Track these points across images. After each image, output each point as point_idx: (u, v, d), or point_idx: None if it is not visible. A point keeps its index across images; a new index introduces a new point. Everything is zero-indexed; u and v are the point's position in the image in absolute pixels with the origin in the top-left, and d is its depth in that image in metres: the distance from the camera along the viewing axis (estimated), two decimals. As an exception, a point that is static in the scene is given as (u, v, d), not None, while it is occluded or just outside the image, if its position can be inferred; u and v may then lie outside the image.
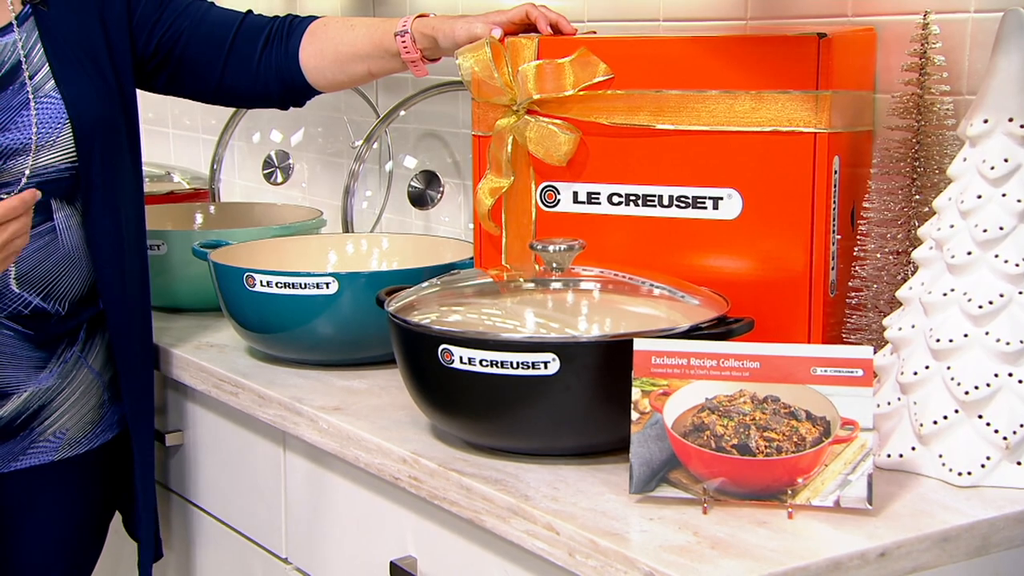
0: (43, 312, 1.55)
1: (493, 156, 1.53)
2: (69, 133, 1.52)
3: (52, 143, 1.51)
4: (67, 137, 1.52)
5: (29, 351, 1.56)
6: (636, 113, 1.45)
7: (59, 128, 1.52)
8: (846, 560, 1.05)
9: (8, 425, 1.56)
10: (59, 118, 1.52)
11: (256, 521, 1.65)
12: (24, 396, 1.56)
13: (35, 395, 1.57)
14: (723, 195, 1.43)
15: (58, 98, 1.52)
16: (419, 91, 2.07)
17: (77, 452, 1.63)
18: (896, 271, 1.42)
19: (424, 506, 1.32)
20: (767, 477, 1.15)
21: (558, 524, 1.13)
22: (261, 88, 1.67)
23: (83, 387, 1.62)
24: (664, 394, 1.17)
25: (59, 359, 1.58)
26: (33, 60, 1.54)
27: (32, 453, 1.59)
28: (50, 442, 1.60)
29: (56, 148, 1.52)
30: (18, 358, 1.55)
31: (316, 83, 1.67)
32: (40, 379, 1.57)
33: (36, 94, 1.51)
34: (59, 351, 1.58)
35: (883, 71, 1.50)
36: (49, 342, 1.57)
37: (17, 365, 1.55)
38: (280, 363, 1.65)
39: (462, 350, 1.23)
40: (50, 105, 1.52)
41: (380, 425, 1.40)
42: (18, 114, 1.50)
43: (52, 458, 1.61)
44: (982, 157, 1.23)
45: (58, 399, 1.59)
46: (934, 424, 1.22)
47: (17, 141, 1.50)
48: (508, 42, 1.51)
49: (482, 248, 1.58)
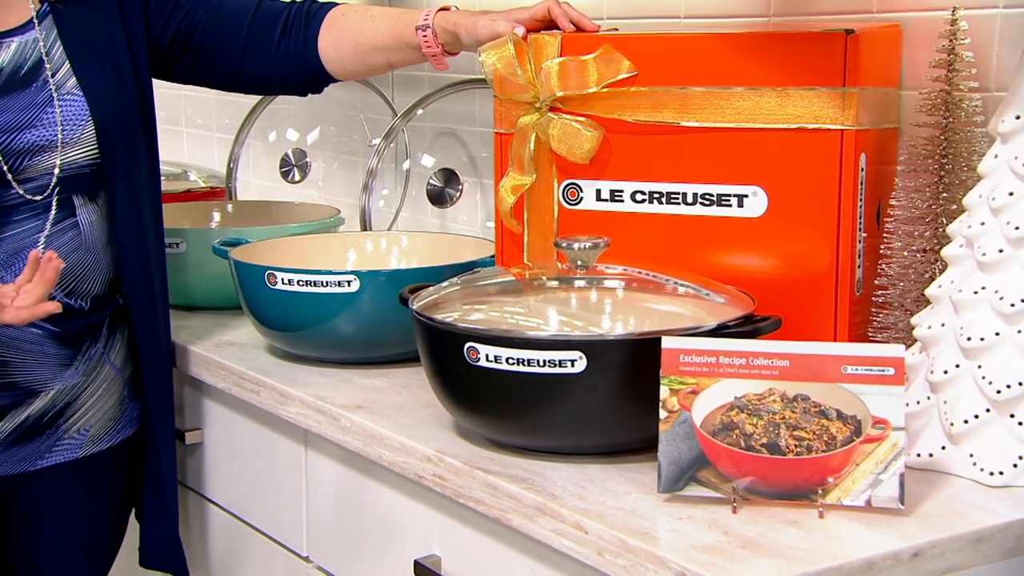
0: (68, 309, 1.54)
1: (515, 153, 1.52)
2: (92, 131, 1.53)
3: (76, 140, 1.52)
4: (90, 134, 1.53)
5: (55, 349, 1.55)
6: (660, 110, 1.44)
7: (82, 125, 1.52)
8: (879, 560, 1.04)
9: (35, 423, 1.56)
10: (82, 116, 1.52)
11: (277, 519, 1.64)
12: (51, 394, 1.56)
13: (61, 393, 1.57)
14: (748, 193, 1.42)
15: (80, 96, 1.53)
16: (437, 89, 2.06)
17: (100, 448, 1.63)
18: (923, 269, 1.40)
19: (448, 505, 1.31)
20: (797, 476, 1.14)
21: (587, 523, 1.12)
22: (281, 75, 1.67)
23: (106, 383, 1.61)
24: (693, 392, 1.16)
25: (84, 356, 1.58)
26: (54, 58, 1.54)
27: (57, 451, 1.59)
28: (74, 439, 1.60)
29: (80, 145, 1.52)
30: (45, 356, 1.55)
31: (335, 72, 1.67)
32: (66, 376, 1.57)
33: (59, 91, 1.51)
34: (84, 348, 1.58)
35: (909, 67, 1.49)
36: (74, 339, 1.57)
37: (44, 363, 1.55)
38: (300, 361, 1.64)
39: (488, 348, 1.22)
40: (73, 103, 1.52)
41: (403, 423, 1.39)
42: (43, 111, 1.51)
43: (77, 455, 1.61)
44: (1014, 154, 1.22)
45: (83, 396, 1.59)
46: (965, 423, 1.21)
47: (44, 138, 1.50)
48: (531, 39, 1.50)
49: (504, 246, 1.57)
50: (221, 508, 1.77)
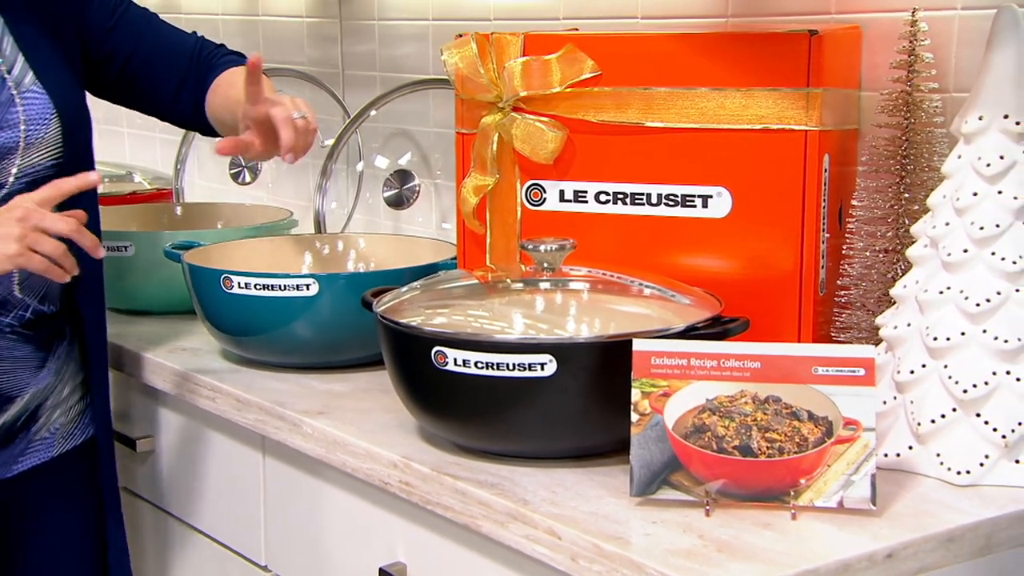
0: (41, 314, 1.51)
1: (478, 154, 1.50)
2: (57, 128, 1.47)
3: (40, 140, 1.46)
4: (54, 133, 1.47)
5: (30, 352, 1.51)
6: (624, 110, 1.44)
7: (47, 123, 1.46)
8: (854, 562, 1.04)
9: (10, 429, 1.51)
10: (46, 113, 1.46)
11: (233, 527, 1.62)
12: (26, 398, 1.52)
13: (35, 395, 1.53)
14: (712, 193, 1.42)
15: (42, 92, 1.46)
16: (391, 90, 2.04)
17: (74, 444, 1.58)
18: (885, 269, 1.41)
19: (414, 511, 1.29)
20: (769, 478, 1.13)
21: (559, 528, 1.11)
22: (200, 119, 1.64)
23: (72, 381, 1.58)
24: (664, 395, 1.15)
25: (55, 356, 1.54)
26: (6, 52, 1.47)
27: (31, 452, 1.54)
28: (46, 439, 1.55)
29: (44, 145, 1.46)
30: (21, 361, 1.51)
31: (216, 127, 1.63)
32: (40, 379, 1.53)
33: (19, 89, 1.45)
34: (54, 348, 1.54)
35: (868, 69, 1.50)
36: (45, 341, 1.53)
37: (22, 368, 1.51)
38: (256, 366, 1.62)
39: (456, 352, 1.21)
40: (35, 100, 1.46)
41: (367, 429, 1.37)
42: (7, 111, 1.44)
43: (52, 454, 1.56)
44: (977, 154, 1.23)
45: (52, 395, 1.55)
46: (932, 423, 1.21)
47: (10, 140, 1.44)
48: (493, 38, 1.49)
49: (465, 248, 1.55)
50: (174, 517, 1.74)
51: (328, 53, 2.37)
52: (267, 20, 2.55)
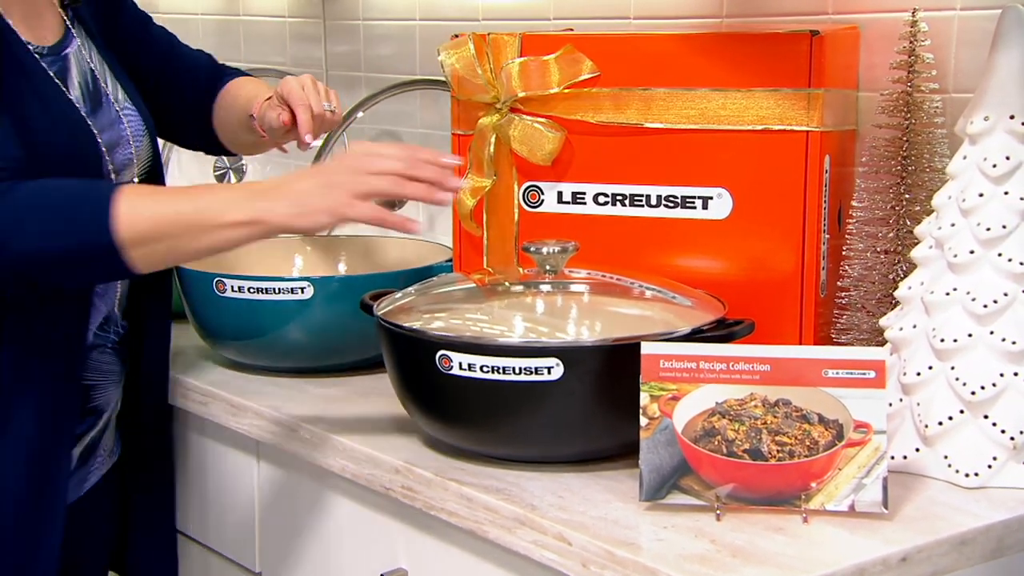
0: (125, 329, 1.48)
1: (475, 155, 1.49)
2: (149, 143, 1.45)
3: (140, 155, 1.44)
4: (148, 148, 1.45)
5: (119, 366, 1.48)
6: (624, 111, 1.42)
7: (143, 139, 1.44)
8: (869, 566, 1.03)
9: (89, 445, 1.45)
10: (141, 130, 1.44)
11: (226, 534, 1.59)
12: (108, 413, 1.47)
13: (112, 410, 1.49)
14: (713, 195, 1.41)
15: (134, 110, 1.44)
16: (379, 91, 2.02)
17: (114, 460, 1.52)
18: (886, 270, 1.40)
19: (416, 517, 1.28)
20: (780, 482, 1.12)
21: (569, 534, 1.09)
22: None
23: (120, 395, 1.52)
24: (674, 398, 1.14)
25: (127, 368, 1.51)
26: (96, 67, 1.42)
27: (94, 470, 1.48)
28: (99, 456, 1.48)
29: (143, 160, 1.45)
30: (114, 375, 1.47)
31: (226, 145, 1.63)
32: (118, 392, 1.49)
33: (120, 107, 1.42)
34: (127, 361, 1.51)
35: (865, 69, 1.49)
36: (126, 354, 1.49)
37: (113, 382, 1.47)
38: (249, 371, 1.59)
39: (461, 356, 1.19)
40: (133, 118, 1.43)
41: (367, 434, 1.35)
42: (117, 128, 1.41)
43: (103, 471, 1.49)
44: (983, 155, 1.22)
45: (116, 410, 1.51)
46: (939, 425, 1.20)
47: (125, 155, 1.41)
48: (489, 38, 1.47)
49: (462, 250, 1.54)
50: (164, 523, 1.71)
51: (311, 53, 2.35)
52: (248, 20, 2.53)
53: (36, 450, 1.32)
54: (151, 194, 1.25)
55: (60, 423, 1.35)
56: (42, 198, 1.23)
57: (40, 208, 1.22)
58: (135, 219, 1.21)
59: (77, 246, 1.21)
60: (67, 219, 1.22)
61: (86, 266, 1.24)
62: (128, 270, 1.22)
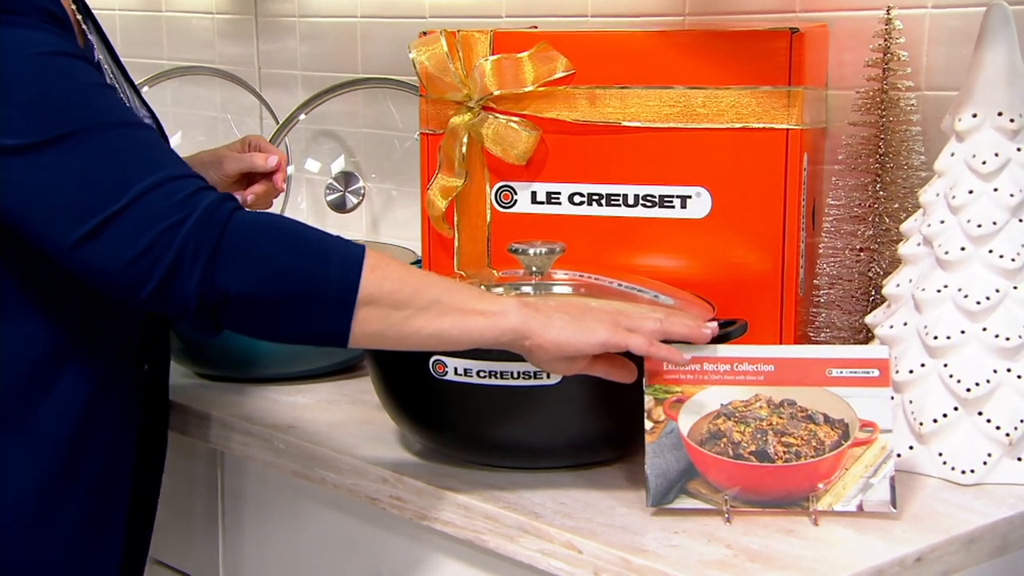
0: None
1: (445, 155, 1.45)
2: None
3: None
4: None
5: None
6: (600, 109, 1.40)
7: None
8: (887, 567, 1.02)
9: None
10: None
11: (188, 552, 1.53)
12: None
13: None
14: (691, 194, 1.39)
15: (149, 116, 1.34)
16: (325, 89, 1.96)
17: None
18: (864, 268, 1.40)
19: (404, 527, 1.24)
20: (787, 484, 1.11)
21: (579, 541, 1.06)
22: None
23: None
24: (678, 401, 1.12)
25: None
26: (117, 76, 1.31)
27: None
28: None
29: None
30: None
31: None
32: None
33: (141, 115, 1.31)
34: None
35: (834, 67, 1.49)
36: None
37: None
38: (209, 379, 1.53)
39: (457, 361, 1.15)
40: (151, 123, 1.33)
41: (345, 442, 1.30)
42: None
43: None
44: (972, 152, 1.23)
45: None
46: (933, 422, 1.20)
47: None
48: (460, 35, 1.44)
49: (431, 252, 1.50)
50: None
51: (243, 51, 2.28)
52: (172, 16, 2.45)
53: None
54: (395, 260, 1.12)
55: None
56: (287, 237, 1.09)
57: (287, 250, 1.08)
58: (385, 275, 1.07)
59: (311, 292, 1.06)
60: (317, 262, 1.07)
61: (303, 313, 1.07)
62: (342, 331, 1.07)
